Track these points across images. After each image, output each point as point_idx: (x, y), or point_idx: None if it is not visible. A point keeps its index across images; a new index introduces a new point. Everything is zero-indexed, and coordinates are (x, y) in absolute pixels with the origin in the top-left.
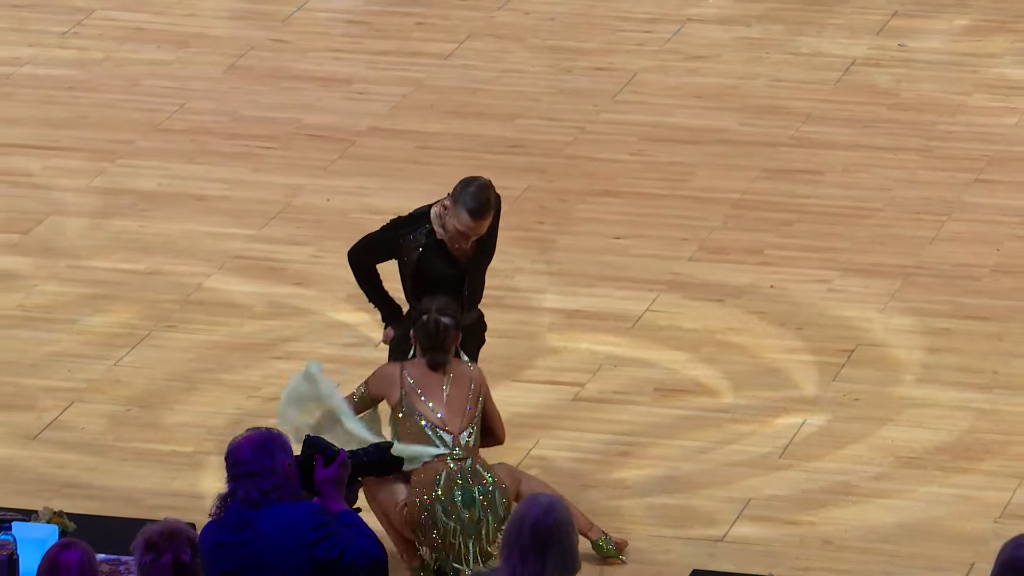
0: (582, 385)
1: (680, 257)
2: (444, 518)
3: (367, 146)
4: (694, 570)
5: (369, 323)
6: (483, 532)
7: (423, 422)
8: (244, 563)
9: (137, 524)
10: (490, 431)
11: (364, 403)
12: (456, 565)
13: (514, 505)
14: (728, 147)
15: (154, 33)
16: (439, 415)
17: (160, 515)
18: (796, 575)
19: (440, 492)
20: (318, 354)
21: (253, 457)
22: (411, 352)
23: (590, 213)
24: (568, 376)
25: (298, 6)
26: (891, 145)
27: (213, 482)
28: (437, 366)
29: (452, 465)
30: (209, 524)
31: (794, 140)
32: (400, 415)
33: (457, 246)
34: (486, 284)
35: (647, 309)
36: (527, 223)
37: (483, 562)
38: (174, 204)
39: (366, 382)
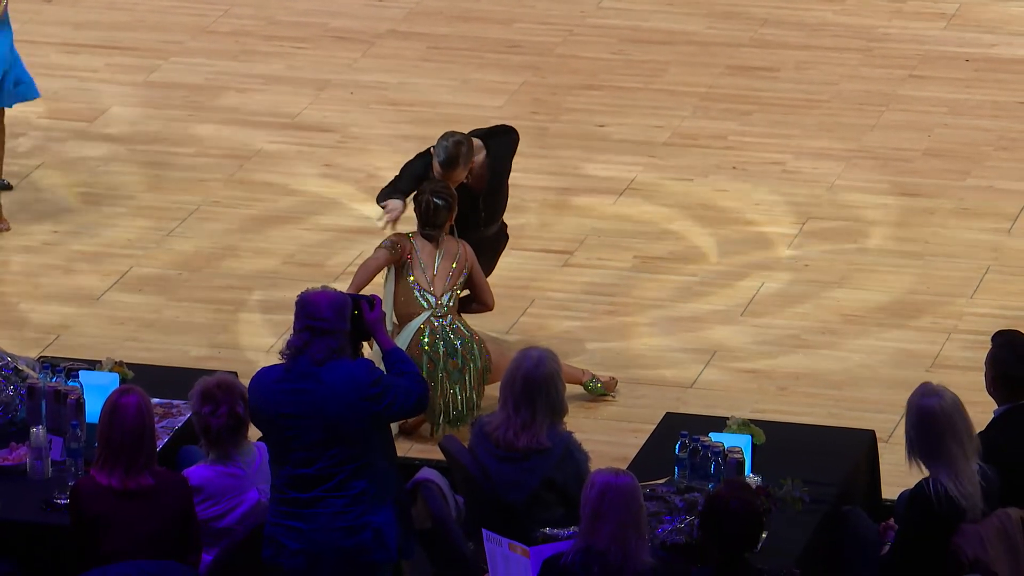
0: (571, 252)
1: (655, 142)
2: (431, 368)
3: (385, 46)
4: (667, 412)
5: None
6: (467, 379)
7: (412, 281)
8: (305, 409)
9: (187, 372)
10: (479, 299)
11: (393, 253)
12: (453, 414)
13: (493, 356)
14: (696, 47)
15: None
16: (427, 279)
17: (206, 366)
18: (754, 416)
19: (426, 345)
20: (341, 225)
21: (332, 317)
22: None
23: (577, 104)
24: (559, 245)
25: None
26: (837, 45)
27: (251, 338)
28: (430, 239)
29: (435, 322)
30: (275, 371)
31: (753, 41)
32: (401, 274)
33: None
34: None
35: (627, 187)
36: (523, 113)
37: (468, 410)
38: (218, 96)
39: (392, 239)
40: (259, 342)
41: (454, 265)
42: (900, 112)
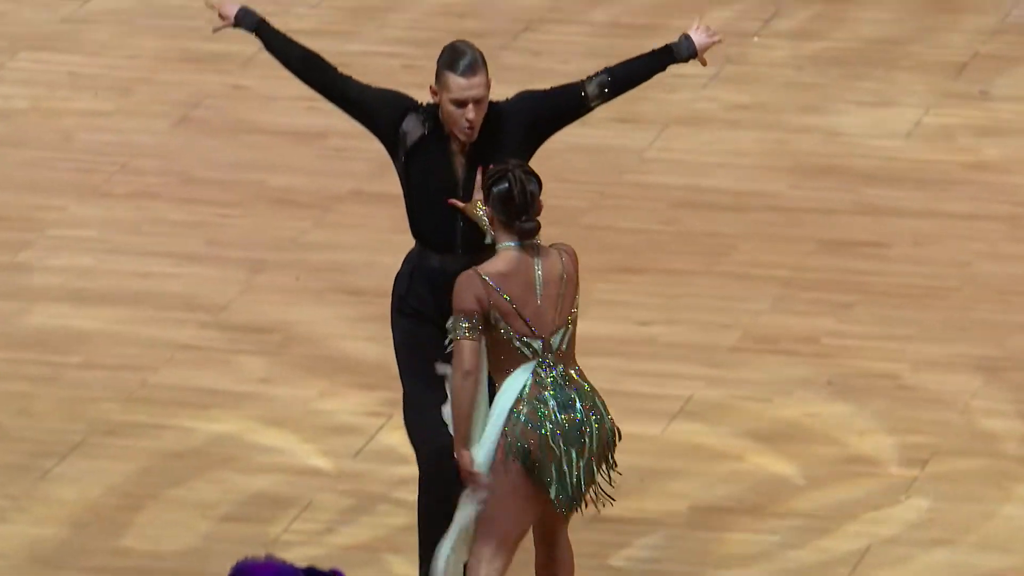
0: (605, 507)
1: (720, 346)
2: (538, 429)
3: (347, 213)
4: None
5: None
6: (586, 441)
7: (506, 331)
8: None
9: None
10: None
11: (476, 329)
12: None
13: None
14: (778, 214)
15: (90, 78)
16: (526, 318)
17: None
18: None
19: (525, 402)
20: (295, 465)
21: None
22: (486, 238)
23: (610, 294)
24: None
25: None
26: (971, 212)
27: None
28: (527, 239)
29: (541, 372)
30: None
31: (855, 206)
32: (491, 327)
33: (462, 135)
34: None
35: (680, 410)
36: None
37: (585, 487)
38: (113, 284)
39: (463, 310)
40: None
41: (561, 284)
42: None
